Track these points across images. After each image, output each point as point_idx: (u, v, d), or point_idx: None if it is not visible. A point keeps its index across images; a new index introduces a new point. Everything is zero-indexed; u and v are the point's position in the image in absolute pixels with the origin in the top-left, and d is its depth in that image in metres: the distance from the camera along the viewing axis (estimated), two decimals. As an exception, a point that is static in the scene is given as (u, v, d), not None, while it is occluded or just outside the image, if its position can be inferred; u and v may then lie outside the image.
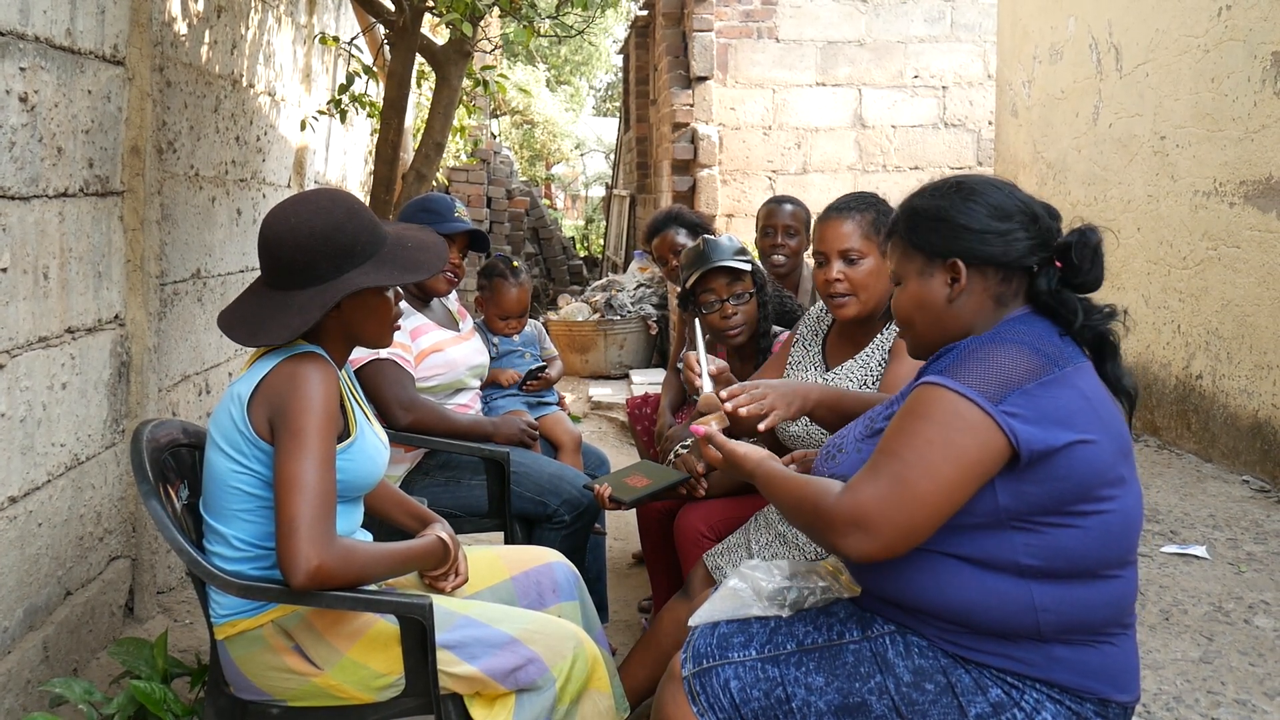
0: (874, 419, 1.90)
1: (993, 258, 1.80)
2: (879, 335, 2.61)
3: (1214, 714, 2.41)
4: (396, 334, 3.02)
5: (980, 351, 1.72)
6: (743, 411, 2.19)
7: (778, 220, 4.05)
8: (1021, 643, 1.72)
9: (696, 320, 2.61)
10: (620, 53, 14.86)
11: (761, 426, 2.20)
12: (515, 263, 3.95)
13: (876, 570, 1.80)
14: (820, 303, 2.82)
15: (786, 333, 3.06)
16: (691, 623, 1.99)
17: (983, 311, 1.83)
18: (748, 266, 3.15)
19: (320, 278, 2.05)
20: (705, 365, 2.31)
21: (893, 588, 1.80)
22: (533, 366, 3.95)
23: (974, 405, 1.64)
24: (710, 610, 1.97)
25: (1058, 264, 1.80)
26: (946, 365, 1.73)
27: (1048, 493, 1.67)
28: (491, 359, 3.93)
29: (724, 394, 2.22)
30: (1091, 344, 1.81)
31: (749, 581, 1.97)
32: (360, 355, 2.99)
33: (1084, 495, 1.68)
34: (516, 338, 4.03)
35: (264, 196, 4.89)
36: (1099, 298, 1.85)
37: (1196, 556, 3.47)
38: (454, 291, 3.55)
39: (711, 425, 2.10)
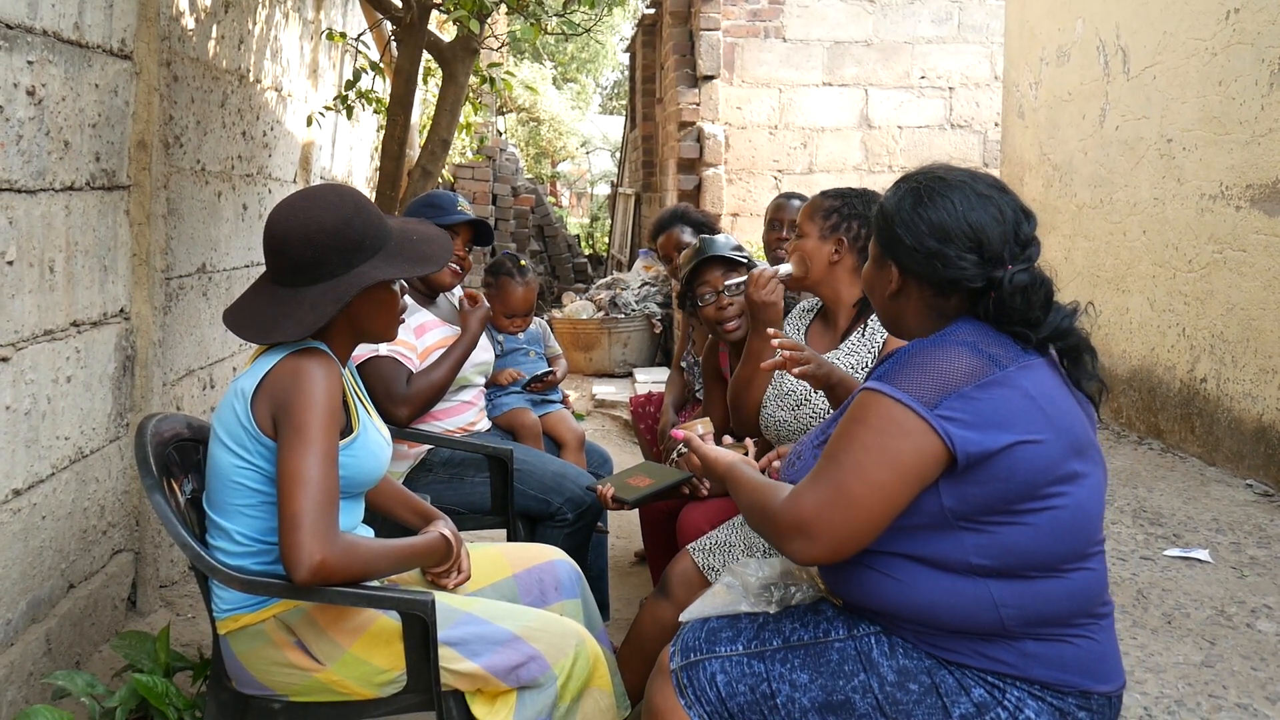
0: (828, 425, 1.93)
1: (921, 275, 1.80)
2: (864, 328, 2.69)
3: (1215, 718, 2.41)
4: (401, 331, 3.03)
5: (920, 356, 1.72)
6: (786, 354, 2.34)
7: (785, 215, 4.05)
8: (994, 641, 1.72)
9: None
10: (627, 51, 14.86)
11: (795, 371, 2.34)
12: (523, 261, 3.96)
13: (841, 576, 1.83)
14: (802, 302, 2.97)
15: None
16: (683, 618, 2.00)
17: (920, 317, 1.85)
18: (743, 260, 3.21)
19: (330, 273, 2.06)
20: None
21: (858, 593, 1.81)
22: (539, 371, 3.96)
23: (909, 411, 1.65)
24: (702, 606, 1.99)
25: (992, 295, 1.75)
26: (887, 370, 1.75)
27: (991, 493, 1.67)
28: (496, 356, 3.94)
29: (776, 341, 2.38)
30: (1059, 348, 1.79)
31: (740, 578, 1.99)
32: (360, 351, 3.00)
33: (1029, 494, 1.68)
34: (521, 335, 4.04)
35: (270, 192, 4.90)
36: (1084, 294, 1.83)
37: (1199, 560, 3.46)
38: (459, 288, 3.55)
39: (696, 429, 2.16)
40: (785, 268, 2.80)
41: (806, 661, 1.83)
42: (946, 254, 1.76)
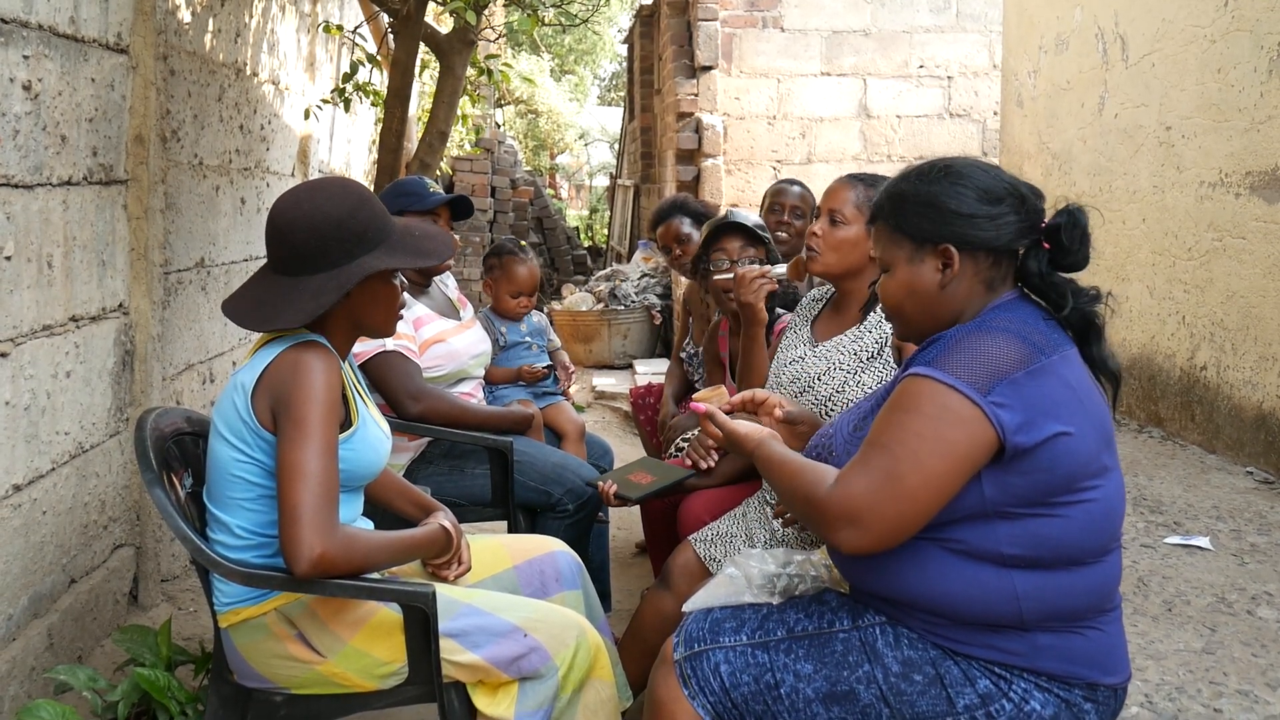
0: (859, 416, 1.90)
1: (984, 242, 1.78)
2: (873, 314, 2.65)
3: (1216, 704, 2.41)
4: (400, 325, 3.03)
5: (968, 341, 1.71)
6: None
7: (785, 200, 4.03)
8: (1006, 633, 1.72)
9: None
10: (625, 42, 14.84)
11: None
12: (522, 243, 4.02)
13: (859, 563, 1.81)
14: (814, 290, 2.89)
15: (787, 315, 3.11)
16: (686, 608, 2.00)
17: (973, 295, 1.81)
18: (764, 236, 3.28)
19: (333, 263, 2.06)
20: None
21: (876, 580, 1.80)
22: (546, 364, 3.99)
23: (963, 397, 1.63)
24: (705, 596, 1.99)
25: (1045, 245, 1.79)
26: (934, 356, 1.72)
27: (1032, 484, 1.66)
28: (501, 347, 3.94)
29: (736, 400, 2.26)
30: (1077, 327, 1.80)
31: (743, 569, 1.98)
32: (367, 348, 3.00)
33: (1068, 487, 1.68)
34: (524, 327, 4.04)
35: (268, 185, 4.89)
36: (1086, 280, 1.84)
37: (1200, 548, 3.47)
38: (454, 280, 3.55)
39: (712, 403, 2.13)
40: (779, 269, 2.79)
41: (810, 652, 1.83)
42: (1003, 213, 1.78)
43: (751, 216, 3.32)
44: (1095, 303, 1.80)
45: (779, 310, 3.27)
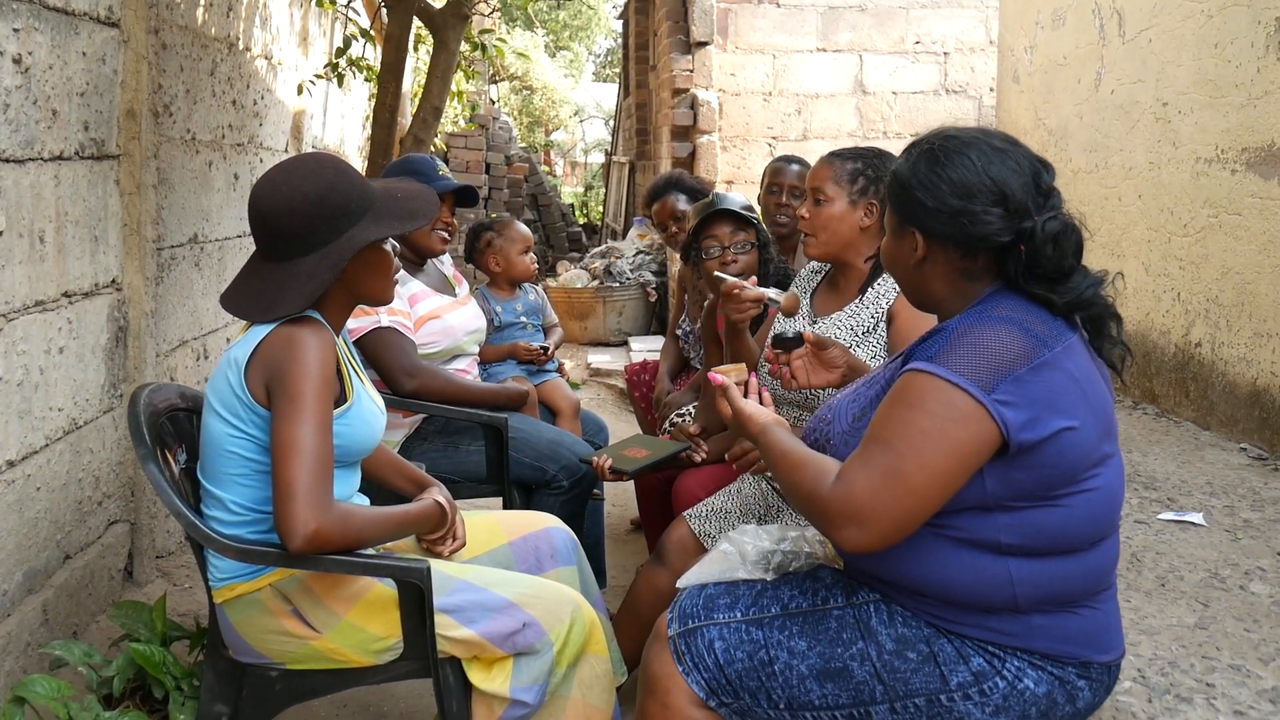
0: (860, 406, 1.87)
1: (947, 236, 1.75)
2: (870, 290, 2.65)
3: (1209, 679, 2.42)
4: (395, 301, 3.02)
5: (970, 335, 1.67)
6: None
7: (784, 179, 4.00)
8: (1000, 614, 1.72)
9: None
10: (620, 18, 14.76)
11: (819, 382, 2.33)
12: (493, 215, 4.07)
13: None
14: (811, 263, 2.91)
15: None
16: (680, 584, 2.00)
17: (949, 282, 1.80)
18: (753, 219, 3.26)
19: (322, 241, 2.05)
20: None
21: (872, 564, 1.80)
22: (537, 344, 4.00)
23: (967, 395, 1.61)
24: (699, 573, 1.99)
25: (1022, 248, 1.71)
26: (936, 350, 1.69)
27: (1035, 479, 1.65)
28: (496, 327, 3.93)
29: (810, 337, 2.33)
30: (1083, 317, 1.77)
31: (737, 545, 1.98)
32: (362, 324, 2.99)
33: (1070, 479, 1.67)
34: (519, 306, 4.03)
35: (261, 161, 4.87)
36: (1094, 262, 1.80)
37: (1193, 524, 3.47)
38: (449, 257, 3.54)
39: (730, 378, 2.08)
40: (773, 293, 2.74)
41: (805, 629, 1.83)
42: (972, 210, 1.71)
43: (738, 199, 3.30)
44: (1094, 292, 1.75)
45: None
